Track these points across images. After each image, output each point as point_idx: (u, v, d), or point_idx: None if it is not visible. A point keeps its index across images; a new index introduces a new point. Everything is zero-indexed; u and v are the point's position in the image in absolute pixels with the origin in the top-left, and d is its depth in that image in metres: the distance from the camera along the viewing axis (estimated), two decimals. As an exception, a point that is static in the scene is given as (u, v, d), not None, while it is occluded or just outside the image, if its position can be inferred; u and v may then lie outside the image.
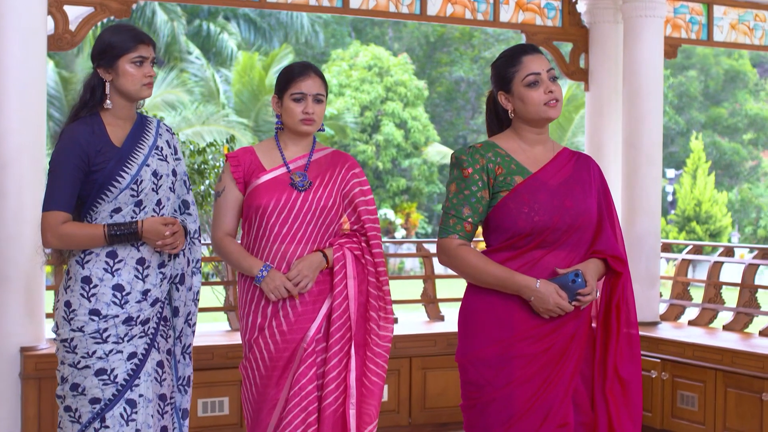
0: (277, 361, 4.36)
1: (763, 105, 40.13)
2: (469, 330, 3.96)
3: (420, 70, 35.67)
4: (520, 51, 3.98)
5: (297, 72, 4.47)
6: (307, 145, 4.55)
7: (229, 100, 28.47)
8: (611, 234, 3.99)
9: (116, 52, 4.14)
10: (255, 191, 4.40)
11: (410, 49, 36.84)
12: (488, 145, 3.97)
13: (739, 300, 7.87)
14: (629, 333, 3.97)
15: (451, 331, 7.60)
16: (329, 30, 35.69)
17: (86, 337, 4.08)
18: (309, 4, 7.44)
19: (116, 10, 6.91)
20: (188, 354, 4.41)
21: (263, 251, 4.39)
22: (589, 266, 3.88)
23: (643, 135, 7.96)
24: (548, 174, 3.93)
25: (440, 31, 37.28)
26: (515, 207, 3.84)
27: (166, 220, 4.14)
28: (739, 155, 38.30)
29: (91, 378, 4.07)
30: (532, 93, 3.93)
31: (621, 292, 3.97)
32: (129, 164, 4.14)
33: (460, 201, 3.91)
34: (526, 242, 3.85)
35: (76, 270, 4.13)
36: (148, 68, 4.20)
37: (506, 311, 3.87)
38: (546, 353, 3.84)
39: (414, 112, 32.28)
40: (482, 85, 36.75)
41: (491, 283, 3.85)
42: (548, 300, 3.79)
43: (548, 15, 8.31)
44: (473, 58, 37.11)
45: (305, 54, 34.85)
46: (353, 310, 4.40)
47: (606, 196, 4.05)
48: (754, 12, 9.04)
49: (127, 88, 4.16)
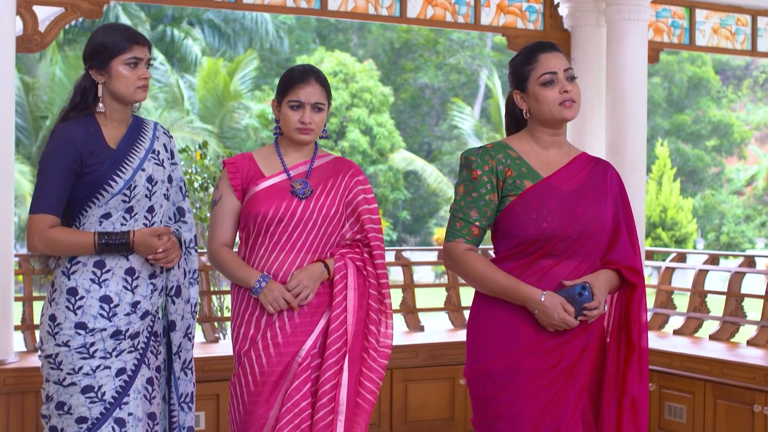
0: (269, 376, 4.15)
1: (726, 112, 40.31)
2: (476, 343, 3.79)
3: (385, 76, 35.53)
4: (538, 49, 3.81)
5: (296, 78, 4.27)
6: (308, 151, 4.36)
7: (193, 107, 28.21)
8: (627, 244, 3.81)
9: (109, 53, 3.96)
10: (254, 199, 4.20)
11: (375, 55, 36.69)
12: (500, 146, 3.80)
13: (725, 309, 7.73)
14: (641, 349, 3.79)
15: (432, 341, 7.45)
16: (294, 36, 35.46)
17: (72, 352, 3.88)
18: (286, 6, 7.25)
19: (87, 11, 6.69)
20: (190, 369, 4.21)
21: (262, 261, 4.20)
22: (599, 278, 3.70)
23: (626, 140, 7.83)
24: (561, 179, 3.75)
25: (405, 37, 37.15)
26: (523, 212, 3.67)
27: (158, 231, 3.94)
28: (702, 162, 38.46)
29: (77, 396, 3.88)
30: (547, 92, 3.76)
31: (637, 306, 3.79)
32: (123, 168, 3.95)
33: (468, 203, 3.75)
34: (535, 250, 3.68)
35: (61, 281, 3.93)
36: (143, 70, 4.01)
37: (511, 324, 3.71)
38: (554, 369, 3.67)
39: (379, 119, 32.12)
40: (447, 92, 36.66)
41: (496, 291, 3.69)
42: (553, 314, 3.62)
43: (530, 18, 8.15)
44: (438, 64, 37.01)
45: (270, 60, 34.65)
46: (351, 323, 4.21)
47: (624, 204, 3.87)
48: (735, 16, 8.93)
49: (120, 90, 3.97)
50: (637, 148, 7.83)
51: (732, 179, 39.49)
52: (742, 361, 6.68)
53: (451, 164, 34.35)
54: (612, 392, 3.76)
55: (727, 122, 39.54)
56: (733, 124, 39.67)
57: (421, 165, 30.00)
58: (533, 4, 8.17)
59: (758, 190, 38.69)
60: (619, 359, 3.79)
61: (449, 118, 33.46)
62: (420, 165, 30.01)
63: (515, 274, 3.68)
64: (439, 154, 35.44)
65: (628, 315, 3.80)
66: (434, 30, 36.29)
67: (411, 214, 34.58)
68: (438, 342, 7.47)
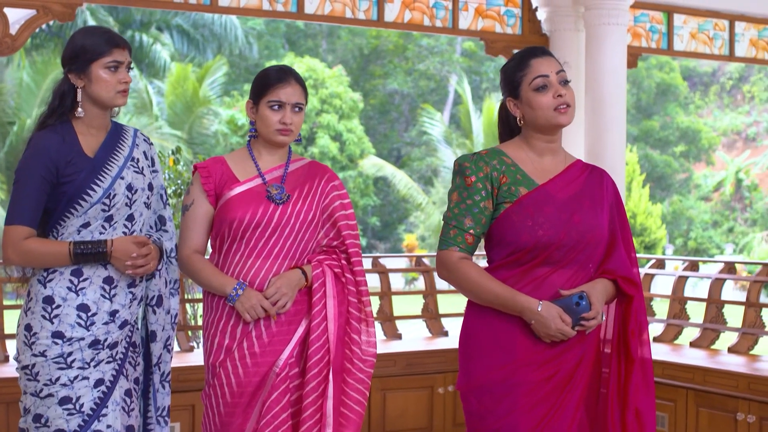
0: (246, 387, 4.02)
1: (693, 118, 40.51)
2: (469, 356, 3.69)
3: (354, 82, 35.48)
4: (529, 54, 3.72)
5: (276, 77, 4.14)
6: (282, 155, 4.23)
7: (162, 112, 28.02)
8: (624, 253, 3.72)
9: (89, 56, 3.84)
10: (228, 204, 4.06)
11: (344, 61, 36.64)
12: (494, 153, 3.70)
13: (705, 316, 7.67)
14: (643, 361, 3.70)
15: (410, 350, 7.33)
16: (263, 42, 35.33)
17: (49, 362, 3.76)
18: (262, 9, 7.14)
19: (59, 13, 6.56)
20: (167, 382, 4.11)
21: (237, 268, 4.06)
22: (597, 287, 3.61)
23: (606, 145, 7.76)
24: (557, 187, 3.66)
25: (374, 43, 37.12)
26: (519, 220, 3.58)
27: (138, 240, 3.81)
28: (670, 168, 38.63)
29: (54, 408, 3.75)
30: (541, 97, 3.67)
31: (635, 318, 3.70)
32: (102, 176, 3.83)
33: (462, 211, 3.64)
34: (530, 258, 3.58)
35: (37, 290, 3.80)
36: (124, 74, 3.89)
37: (508, 335, 3.61)
38: (551, 380, 3.58)
39: (349, 125, 32.06)
40: (416, 98, 36.65)
41: (491, 301, 3.59)
42: (550, 325, 3.53)
43: (508, 22, 8.07)
44: (407, 70, 37.00)
45: (239, 66, 34.50)
46: (332, 331, 4.08)
47: (620, 213, 3.78)
48: (713, 21, 8.90)
49: (100, 95, 3.85)
50: (616, 154, 7.76)
51: (700, 185, 39.69)
52: (724, 368, 6.61)
53: (420, 170, 34.31)
54: (615, 405, 3.67)
55: (695, 128, 39.75)
56: (700, 130, 39.87)
57: (391, 171, 29.95)
58: (511, 8, 8.10)
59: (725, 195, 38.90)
60: (620, 371, 3.70)
61: (419, 124, 33.42)
62: (390, 171, 29.95)
63: (510, 283, 3.59)
64: (408, 160, 35.41)
65: (625, 327, 3.72)
66: (403, 36, 36.26)
67: (380, 221, 34.52)
68: (416, 350, 7.35)
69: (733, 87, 43.19)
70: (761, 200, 37.71)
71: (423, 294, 8.18)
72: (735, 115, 42.30)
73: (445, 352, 7.29)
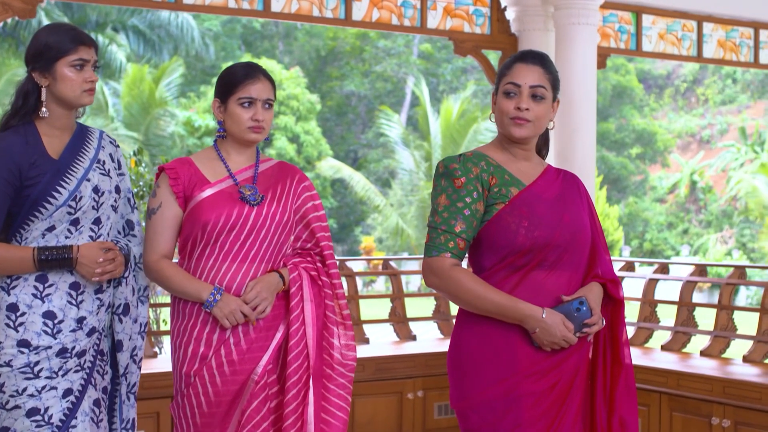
0: (224, 396, 3.87)
1: (649, 120, 40.71)
2: (465, 371, 3.53)
3: (311, 83, 35.34)
4: (518, 57, 3.62)
5: (245, 74, 3.99)
6: (251, 155, 4.08)
7: (118, 114, 27.76)
8: (605, 257, 3.62)
9: (53, 54, 3.69)
10: (199, 207, 3.90)
11: (301, 62, 36.50)
12: (478, 155, 3.58)
13: (677, 319, 7.59)
14: (626, 366, 3.60)
15: (379, 355, 7.18)
16: (219, 43, 35.12)
17: (15, 372, 3.61)
18: (228, 7, 6.99)
19: (20, 10, 6.38)
20: (134, 394, 3.96)
21: (211, 273, 3.90)
22: (593, 291, 3.50)
23: (576, 147, 7.68)
24: (541, 188, 3.56)
25: (331, 44, 37.01)
26: (513, 221, 3.44)
27: (104, 244, 3.66)
28: (626, 170, 38.79)
29: (22, 420, 3.61)
30: (504, 103, 3.57)
31: (621, 323, 3.60)
32: (67, 179, 3.69)
33: (451, 214, 3.49)
34: (525, 261, 3.45)
35: (0, 297, 3.64)
36: (89, 72, 3.74)
37: (507, 345, 3.46)
38: (553, 390, 3.46)
39: (306, 126, 31.95)
40: (373, 100, 36.55)
41: (491, 311, 3.44)
42: (555, 332, 3.40)
43: (476, 22, 7.96)
44: (364, 72, 36.92)
45: (195, 67, 34.26)
46: (311, 336, 3.94)
47: (593, 217, 3.69)
48: (681, 22, 8.84)
49: (65, 94, 3.70)
50: (586, 155, 7.69)
51: (655, 187, 39.89)
52: (698, 372, 6.53)
53: (377, 172, 34.22)
54: (602, 412, 3.56)
55: (651, 131, 39.95)
56: (656, 133, 40.09)
57: (349, 173, 29.79)
58: (480, 7, 7.99)
59: (680, 197, 39.12)
60: (605, 378, 3.60)
61: (376, 126, 33.33)
62: (347, 173, 29.79)
63: (506, 289, 3.45)
64: (365, 162, 35.33)
65: (613, 332, 3.61)
66: (360, 37, 36.19)
67: (337, 223, 34.39)
68: (385, 355, 7.21)
69: (688, 90, 43.46)
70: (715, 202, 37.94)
71: (390, 297, 8.03)
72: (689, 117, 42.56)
73: (414, 356, 7.16)
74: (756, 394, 6.10)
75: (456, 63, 37.40)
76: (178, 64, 29.06)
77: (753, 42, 9.27)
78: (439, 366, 7.14)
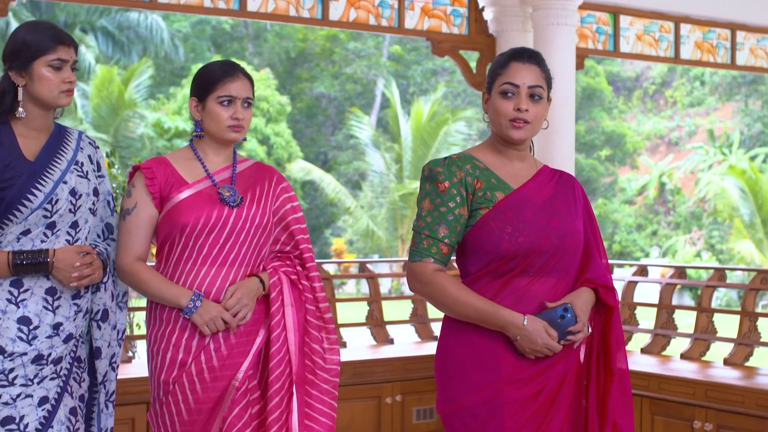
0: (204, 403, 3.78)
1: (618, 122, 40.79)
2: (450, 377, 3.46)
3: (281, 85, 35.20)
4: (514, 55, 3.53)
5: (224, 72, 3.90)
6: (228, 155, 3.99)
7: (87, 115, 27.50)
8: (599, 261, 3.54)
9: (31, 53, 3.58)
10: (177, 208, 3.80)
11: (271, 64, 36.34)
12: (465, 157, 3.49)
13: (656, 321, 7.54)
14: (622, 372, 3.53)
15: (356, 359, 7.09)
16: (189, 44, 34.91)
17: None
18: (203, 6, 6.89)
19: (-9, 8, 6.24)
20: (112, 402, 3.85)
21: (189, 277, 3.80)
22: (581, 297, 3.42)
23: (555, 149, 7.61)
24: (531, 191, 3.48)
25: (301, 46, 36.89)
26: (497, 226, 3.36)
27: (80, 248, 3.54)
28: (596, 171, 38.84)
29: None
30: (501, 104, 3.49)
31: (615, 329, 3.53)
32: (43, 181, 3.57)
33: (435, 219, 3.42)
34: (510, 267, 3.37)
35: None
36: (68, 73, 3.64)
37: (489, 352, 3.40)
38: (537, 398, 3.39)
39: (277, 128, 31.81)
40: (343, 101, 36.46)
41: (472, 317, 3.37)
42: (536, 340, 3.33)
43: (454, 22, 7.88)
44: (334, 74, 36.82)
45: (165, 69, 34.06)
46: (292, 342, 3.85)
47: (591, 219, 3.61)
48: (659, 23, 8.80)
49: (42, 94, 3.59)
50: (565, 157, 7.62)
51: (624, 189, 39.97)
52: (680, 375, 6.48)
53: (348, 174, 34.13)
54: (595, 419, 3.50)
55: (620, 133, 40.02)
56: (625, 135, 40.17)
57: (319, 175, 29.68)
58: (458, 8, 7.91)
59: (649, 199, 39.22)
60: (599, 385, 3.53)
61: (346, 128, 33.24)
62: (318, 175, 29.68)
63: (489, 295, 3.39)
64: (335, 164, 35.23)
65: (606, 339, 3.54)
66: (330, 39, 36.10)
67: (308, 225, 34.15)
68: (362, 359, 7.12)
69: (656, 92, 43.57)
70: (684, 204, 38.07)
71: (367, 300, 7.95)
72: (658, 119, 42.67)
73: (392, 360, 7.09)
74: (739, 397, 6.06)
75: (426, 65, 37.35)
76: (148, 65, 28.84)
77: (730, 43, 9.25)
78: (418, 370, 7.07)
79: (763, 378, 6.34)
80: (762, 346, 6.90)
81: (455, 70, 36.41)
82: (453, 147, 28.26)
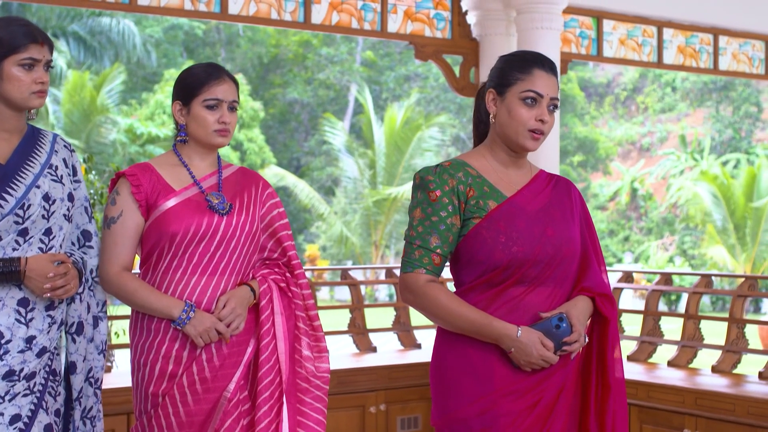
0: (196, 416, 3.66)
1: (590, 128, 40.89)
2: (444, 388, 3.37)
3: (254, 91, 35.08)
4: (537, 61, 3.40)
5: (209, 74, 3.79)
6: (213, 161, 3.89)
7: (58, 121, 27.31)
8: (597, 269, 3.45)
9: (2, 51, 3.40)
10: (165, 216, 3.68)
11: (243, 69, 36.23)
12: (457, 164, 3.38)
13: (642, 328, 7.46)
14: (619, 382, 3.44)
15: (340, 368, 6.97)
16: (161, 50, 34.74)
17: None
18: (184, 9, 6.76)
19: (-33, 11, 6.09)
20: (89, 419, 3.66)
21: (179, 286, 3.68)
22: (577, 306, 3.33)
23: (539, 155, 7.50)
24: (525, 199, 3.37)
25: (273, 52, 36.81)
26: (490, 236, 3.27)
27: (56, 257, 3.40)
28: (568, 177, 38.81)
29: None
30: (523, 111, 3.36)
31: (612, 340, 3.44)
32: (14, 185, 3.39)
33: (426, 229, 3.32)
34: (504, 277, 3.28)
35: None
36: (40, 73, 3.45)
37: (484, 363, 3.30)
38: (533, 410, 3.29)
39: (250, 134, 31.72)
40: (316, 107, 36.37)
41: (465, 328, 3.28)
42: (531, 351, 3.24)
43: (437, 26, 7.78)
44: (307, 79, 36.75)
45: (137, 74, 33.87)
46: (282, 350, 3.76)
47: (589, 225, 3.51)
48: (642, 27, 8.74)
49: (12, 95, 3.42)
50: (549, 162, 7.52)
51: (597, 194, 40.05)
52: (669, 383, 6.40)
53: (321, 180, 34.04)
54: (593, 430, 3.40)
55: (592, 138, 40.12)
56: (597, 141, 40.27)
57: (293, 181, 29.54)
58: (441, 11, 7.81)
59: (621, 205, 39.31)
60: (597, 397, 3.43)
61: (319, 134, 33.15)
62: (291, 181, 29.54)
63: (482, 306, 3.29)
64: (308, 170, 35.15)
65: (602, 349, 3.45)
66: (303, 45, 36.02)
67: (281, 231, 34.12)
68: (346, 368, 6.99)
69: (628, 98, 43.72)
70: (656, 209, 38.19)
71: (350, 308, 7.83)
72: (629, 125, 42.81)
73: (376, 369, 6.97)
74: (729, 405, 5.99)
75: (399, 71, 37.33)
76: (120, 71, 28.65)
77: (713, 48, 9.20)
78: (402, 378, 6.97)
79: (753, 386, 6.28)
80: (750, 353, 6.85)
81: (428, 75, 36.40)
82: (427, 153, 28.22)
